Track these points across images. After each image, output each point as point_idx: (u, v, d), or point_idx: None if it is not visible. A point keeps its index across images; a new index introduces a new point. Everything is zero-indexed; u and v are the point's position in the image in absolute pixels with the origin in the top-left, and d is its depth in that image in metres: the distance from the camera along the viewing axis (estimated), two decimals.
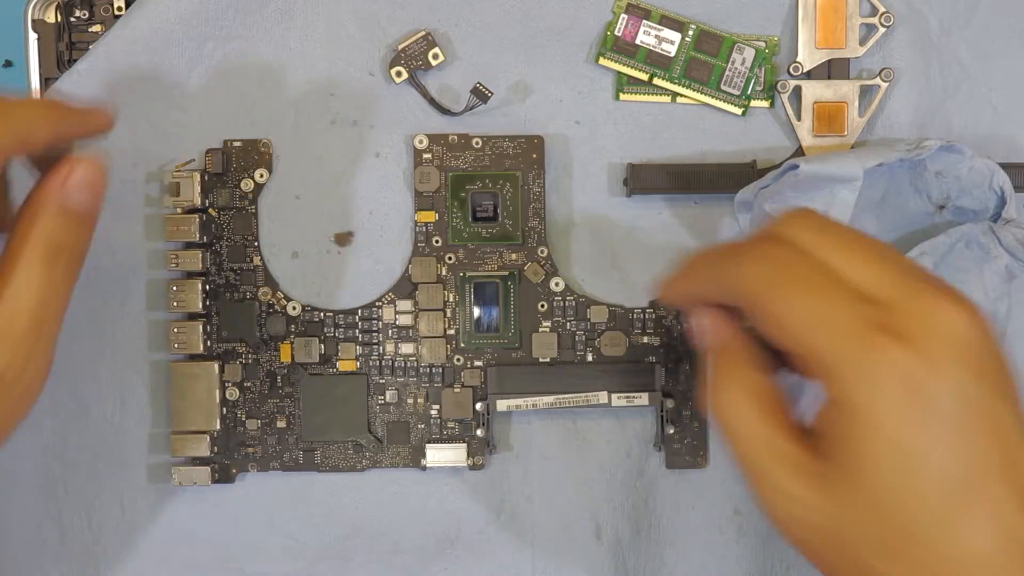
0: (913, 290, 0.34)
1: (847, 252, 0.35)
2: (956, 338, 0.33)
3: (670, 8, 0.50)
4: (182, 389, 0.49)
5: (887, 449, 0.33)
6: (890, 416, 0.33)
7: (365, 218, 0.50)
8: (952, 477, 0.33)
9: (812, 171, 0.45)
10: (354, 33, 0.50)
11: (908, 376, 0.33)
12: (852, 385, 0.34)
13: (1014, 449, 0.34)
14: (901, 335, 0.33)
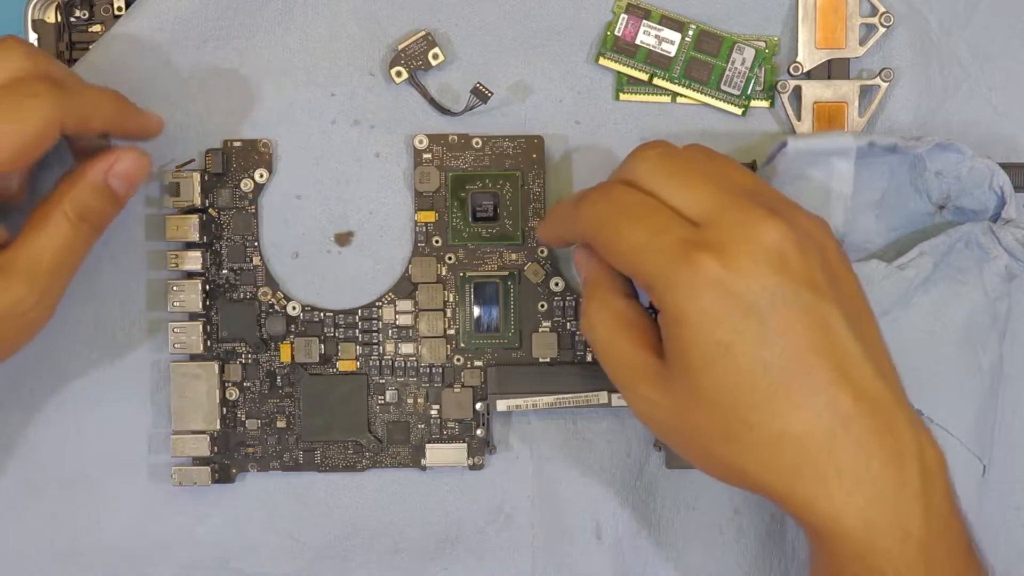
0: (729, 210, 0.39)
1: (677, 180, 0.40)
2: (766, 247, 0.38)
3: (670, 8, 0.50)
4: (182, 389, 0.49)
5: (710, 349, 0.39)
6: (708, 319, 0.38)
7: (365, 218, 0.50)
8: (772, 366, 0.38)
9: (802, 147, 0.45)
10: (354, 33, 0.50)
11: (720, 283, 0.38)
12: (674, 297, 0.39)
13: (836, 338, 0.39)
14: (714, 249, 0.38)
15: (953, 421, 0.48)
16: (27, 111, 0.42)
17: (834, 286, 0.40)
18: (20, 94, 0.42)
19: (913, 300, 0.48)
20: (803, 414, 0.38)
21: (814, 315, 0.39)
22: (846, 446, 0.39)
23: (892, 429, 0.39)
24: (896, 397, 0.40)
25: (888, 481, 0.39)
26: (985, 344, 0.48)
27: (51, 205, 0.44)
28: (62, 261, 0.44)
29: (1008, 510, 0.51)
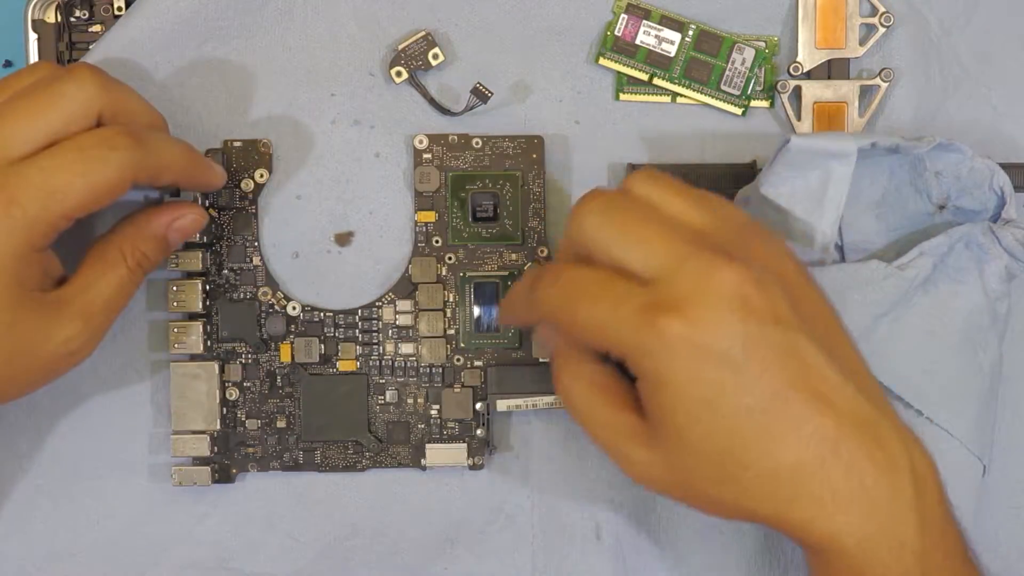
0: (683, 261, 0.39)
1: (624, 237, 0.40)
2: (725, 294, 0.38)
3: (670, 8, 0.50)
4: (182, 389, 0.49)
5: (693, 406, 0.39)
6: (686, 379, 0.39)
7: (365, 218, 0.50)
8: (755, 409, 0.39)
9: (804, 145, 0.45)
10: (354, 33, 0.50)
11: (689, 341, 0.38)
12: (648, 364, 0.39)
13: (811, 367, 0.39)
14: (674, 308, 0.38)
15: (953, 421, 0.48)
16: (104, 164, 0.42)
17: (799, 313, 0.40)
18: (102, 145, 0.42)
19: (913, 300, 0.48)
20: (792, 447, 0.39)
21: (785, 349, 0.39)
22: (837, 468, 0.39)
23: (880, 442, 0.39)
24: (879, 409, 0.40)
25: (881, 494, 0.39)
26: (985, 344, 0.48)
27: (111, 248, 0.46)
28: (116, 304, 0.45)
29: (1008, 510, 0.51)
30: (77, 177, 0.42)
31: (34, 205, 0.41)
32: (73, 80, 0.43)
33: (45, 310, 0.43)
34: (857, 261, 0.49)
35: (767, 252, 0.41)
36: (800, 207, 0.45)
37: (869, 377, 0.41)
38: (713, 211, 0.42)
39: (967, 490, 0.48)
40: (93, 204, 0.43)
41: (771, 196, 0.46)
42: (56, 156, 0.42)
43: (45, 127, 0.42)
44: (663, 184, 0.42)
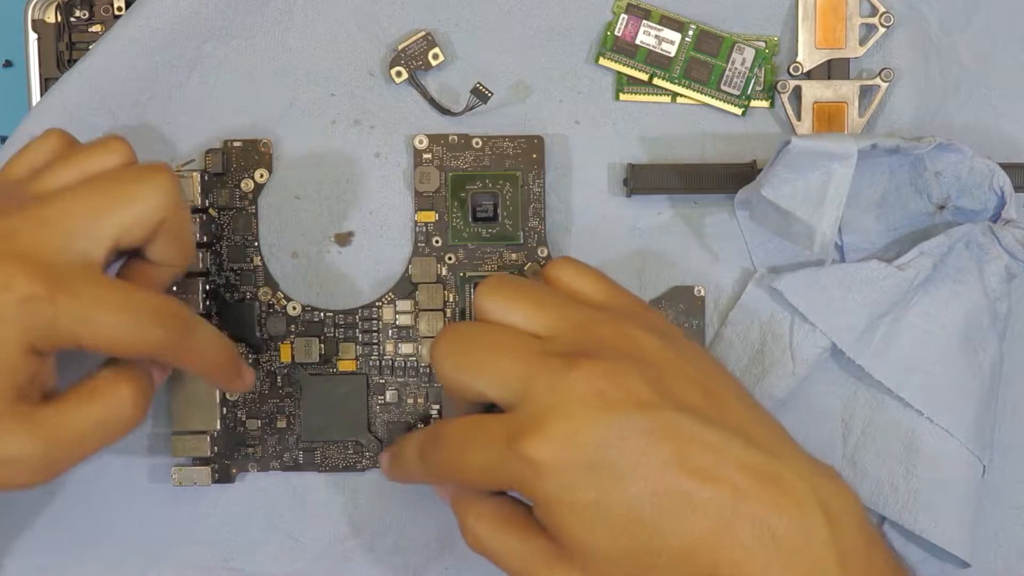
0: (533, 379, 0.39)
1: (476, 376, 0.41)
2: (580, 400, 0.39)
3: (670, 8, 0.50)
4: (182, 389, 0.49)
5: (584, 513, 0.39)
6: (565, 492, 0.39)
7: (365, 218, 0.50)
8: (642, 497, 0.38)
9: (805, 147, 0.45)
10: (354, 33, 0.50)
11: (555, 457, 0.39)
12: (529, 489, 0.39)
13: (688, 438, 0.39)
14: (533, 430, 0.39)
15: (953, 421, 0.48)
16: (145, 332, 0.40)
17: (665, 387, 0.40)
18: (154, 316, 0.40)
19: (913, 300, 0.48)
20: (692, 520, 0.38)
21: (655, 430, 0.39)
22: (743, 528, 0.38)
23: (782, 489, 0.39)
24: (776, 456, 0.40)
25: (795, 541, 0.39)
26: (985, 344, 0.48)
27: (105, 380, 0.42)
28: (91, 438, 0.41)
29: (1008, 510, 0.51)
30: (117, 327, 0.39)
31: (67, 320, 0.39)
32: (151, 184, 0.41)
33: (12, 416, 0.39)
34: (857, 261, 0.49)
35: (619, 335, 0.41)
36: (800, 208, 0.45)
37: (764, 423, 0.41)
38: (556, 310, 0.42)
39: (967, 490, 0.48)
40: (110, 352, 0.40)
41: (772, 197, 0.46)
42: (114, 294, 0.40)
43: (112, 229, 0.40)
44: (504, 293, 0.43)
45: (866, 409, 0.49)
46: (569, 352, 0.40)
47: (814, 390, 0.49)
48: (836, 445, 0.49)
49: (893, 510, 0.48)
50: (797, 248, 0.48)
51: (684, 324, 0.50)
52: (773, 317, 0.49)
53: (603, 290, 0.44)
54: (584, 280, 0.44)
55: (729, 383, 0.42)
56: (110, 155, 0.43)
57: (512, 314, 0.42)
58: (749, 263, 0.50)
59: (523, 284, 0.43)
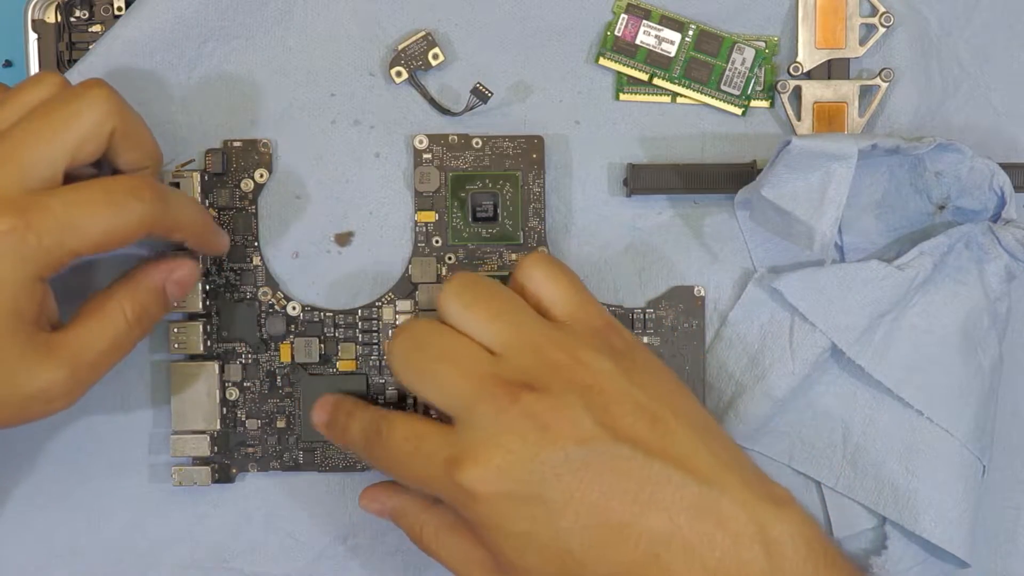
0: (475, 405, 0.41)
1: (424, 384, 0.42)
2: (519, 431, 0.40)
3: (670, 8, 0.50)
4: (182, 389, 0.49)
5: (516, 540, 0.40)
6: (499, 521, 0.40)
7: (365, 218, 0.50)
8: (574, 528, 0.39)
9: (805, 146, 0.45)
10: (354, 33, 0.50)
11: (489, 487, 0.40)
12: (464, 511, 0.41)
13: (627, 470, 0.40)
14: (471, 458, 0.40)
15: (953, 421, 0.48)
16: (127, 212, 0.42)
17: (610, 418, 0.40)
18: (128, 193, 0.42)
19: (913, 300, 0.48)
20: (622, 551, 0.39)
21: (591, 467, 0.40)
22: (673, 559, 0.39)
23: (720, 522, 0.39)
24: (718, 484, 0.40)
25: (729, 571, 0.39)
26: (985, 344, 0.48)
27: (110, 302, 0.44)
28: (107, 358, 0.44)
29: (1008, 510, 0.51)
30: (99, 219, 0.41)
31: (51, 236, 0.41)
32: (87, 100, 0.43)
33: (34, 348, 0.42)
34: (857, 261, 0.49)
35: (572, 360, 0.41)
36: (800, 208, 0.45)
37: (712, 449, 0.41)
38: (514, 327, 0.42)
39: (967, 490, 0.48)
40: (105, 247, 0.42)
41: (772, 198, 0.46)
42: (82, 193, 0.42)
43: (62, 150, 0.42)
44: (465, 299, 0.43)
45: (866, 409, 0.49)
46: (516, 380, 0.41)
47: (814, 390, 0.49)
48: (836, 445, 0.49)
49: (893, 510, 0.48)
50: (797, 248, 0.48)
51: (684, 324, 0.50)
52: (773, 317, 0.49)
53: (570, 299, 0.44)
54: (552, 286, 0.44)
55: (682, 407, 0.42)
56: (44, 87, 0.44)
57: (470, 322, 0.43)
58: (749, 263, 0.50)
59: (487, 291, 0.43)
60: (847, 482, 0.49)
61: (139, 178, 0.43)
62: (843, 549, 0.43)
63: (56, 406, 0.43)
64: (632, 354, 0.43)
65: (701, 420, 0.42)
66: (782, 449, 0.50)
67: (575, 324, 0.43)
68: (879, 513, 0.49)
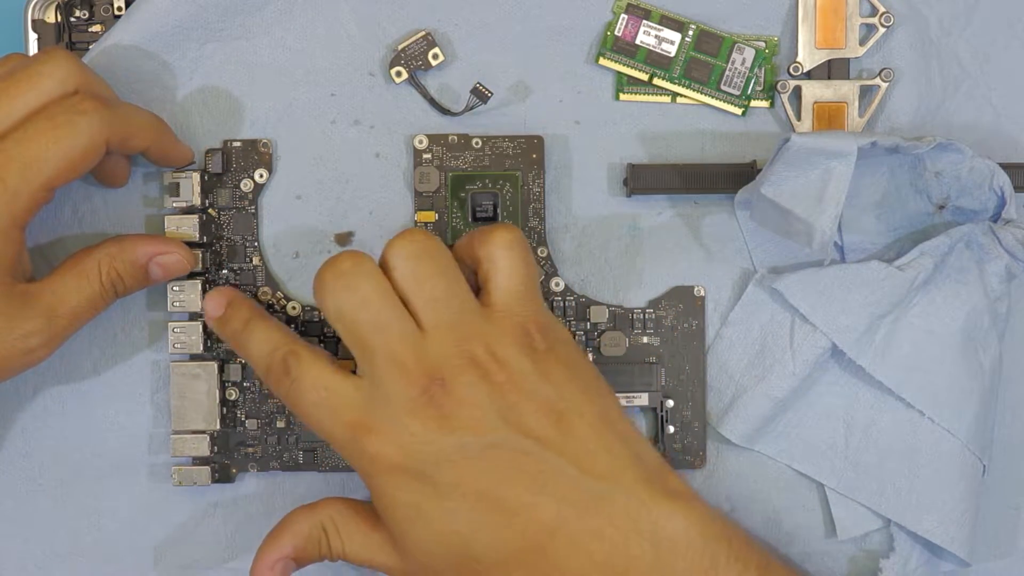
0: (388, 377, 0.42)
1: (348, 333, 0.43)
2: (421, 413, 0.42)
3: (670, 8, 0.50)
4: (182, 389, 0.49)
5: (405, 511, 0.42)
6: (391, 492, 0.42)
7: (365, 218, 0.50)
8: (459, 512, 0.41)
9: (805, 144, 0.45)
10: (354, 33, 0.50)
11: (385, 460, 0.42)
12: (361, 476, 0.43)
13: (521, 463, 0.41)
14: (374, 427, 0.42)
15: (953, 421, 0.48)
16: (76, 128, 0.43)
17: (513, 415, 0.42)
18: (70, 111, 0.43)
19: (913, 300, 0.48)
20: (508, 539, 0.41)
21: (484, 457, 0.41)
22: (559, 551, 0.41)
23: (611, 517, 0.41)
24: (614, 480, 0.42)
25: (615, 565, 0.41)
26: (985, 344, 0.48)
27: (89, 260, 0.46)
28: (81, 314, 0.46)
29: (1008, 510, 0.51)
30: (51, 144, 0.43)
31: (13, 177, 0.42)
32: (48, 60, 0.44)
33: (12, 298, 0.44)
34: (857, 261, 0.49)
35: (489, 355, 0.43)
36: (800, 206, 0.45)
37: (612, 448, 0.42)
38: (449, 311, 0.43)
39: (968, 490, 0.48)
40: (71, 171, 0.43)
41: (771, 196, 0.46)
42: (29, 127, 0.43)
43: (23, 106, 0.43)
44: (417, 265, 0.43)
45: (868, 410, 0.49)
46: (432, 366, 0.42)
47: (815, 390, 0.49)
48: (838, 446, 0.49)
49: (895, 511, 0.48)
50: (797, 248, 0.48)
51: (684, 324, 0.50)
52: (773, 318, 0.49)
53: (513, 294, 0.44)
54: (506, 277, 0.44)
55: (590, 406, 0.43)
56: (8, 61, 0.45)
57: (412, 289, 0.43)
58: (749, 263, 0.50)
59: (440, 266, 0.44)
60: (848, 482, 0.49)
61: (79, 95, 0.44)
62: (751, 537, 0.44)
63: (35, 356, 0.45)
64: (554, 353, 0.44)
65: (608, 420, 0.43)
66: (783, 449, 0.50)
67: (507, 318, 0.44)
68: (882, 514, 0.49)
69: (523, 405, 0.42)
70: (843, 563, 0.50)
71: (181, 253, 0.47)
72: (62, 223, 0.50)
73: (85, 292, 0.45)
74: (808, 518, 0.50)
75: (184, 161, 0.49)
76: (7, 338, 0.44)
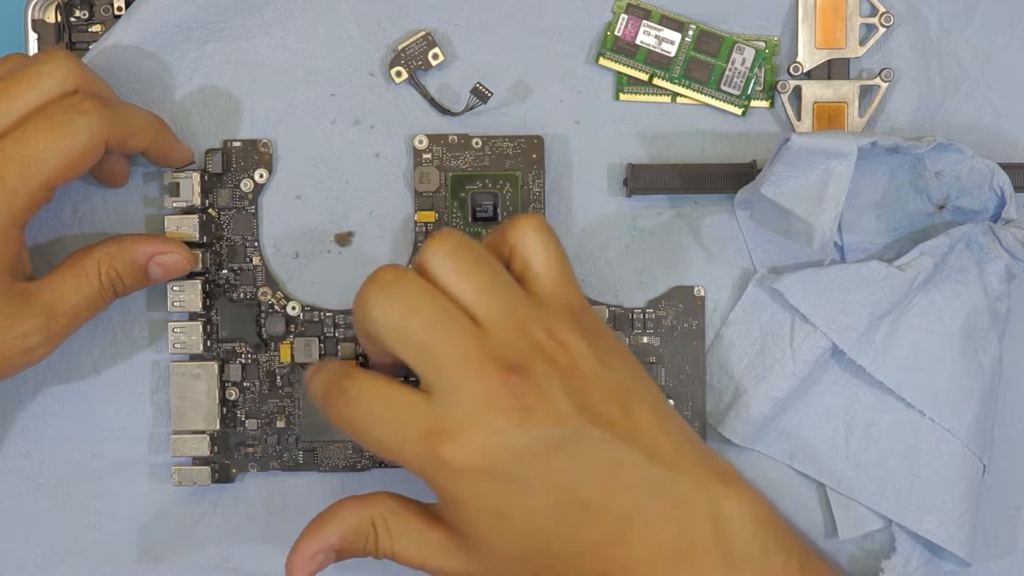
0: (460, 380, 0.40)
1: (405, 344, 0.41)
2: (502, 409, 0.40)
3: (670, 8, 0.50)
4: (182, 389, 0.49)
5: (487, 516, 0.41)
6: (473, 496, 0.41)
7: (365, 218, 0.50)
8: (543, 507, 0.41)
9: (805, 144, 0.45)
10: (354, 33, 0.50)
11: (468, 463, 0.40)
12: (437, 486, 0.41)
13: (595, 454, 0.40)
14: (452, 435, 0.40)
15: (953, 421, 0.48)
16: (75, 128, 0.43)
17: (586, 400, 0.41)
18: (70, 110, 0.43)
19: (913, 300, 0.48)
20: (588, 530, 0.41)
21: (566, 448, 0.40)
22: (635, 536, 0.41)
23: (676, 500, 0.41)
24: (676, 466, 0.42)
25: (682, 545, 0.41)
26: (985, 344, 0.48)
27: (88, 259, 0.46)
28: (80, 313, 0.46)
29: (1008, 510, 0.51)
30: (49, 143, 0.43)
31: (12, 177, 0.42)
32: (48, 60, 0.44)
33: (11, 297, 0.44)
34: (857, 261, 0.49)
35: (553, 341, 0.42)
36: (800, 206, 0.45)
37: (671, 432, 0.42)
38: (502, 299, 0.42)
39: (968, 490, 0.48)
40: (69, 170, 0.43)
41: (771, 195, 0.46)
42: (27, 127, 0.43)
43: (22, 105, 0.44)
44: (457, 262, 0.42)
45: (868, 410, 0.49)
46: (504, 359, 0.40)
47: (815, 390, 0.49)
48: (838, 446, 0.49)
49: (895, 511, 0.48)
50: (797, 248, 0.48)
51: (684, 324, 0.50)
52: (773, 318, 0.49)
53: (554, 277, 0.43)
54: (544, 257, 0.43)
55: (646, 392, 0.43)
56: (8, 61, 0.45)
57: (458, 288, 0.42)
58: (749, 263, 0.50)
59: (478, 259, 0.42)
60: (848, 483, 0.49)
61: (78, 95, 0.44)
62: (796, 529, 0.44)
63: (35, 355, 0.45)
64: (603, 336, 0.44)
65: (661, 404, 0.43)
66: (783, 450, 0.50)
67: (555, 301, 0.43)
68: (882, 514, 0.49)
69: (591, 391, 0.41)
70: (844, 563, 0.50)
71: (181, 253, 0.47)
72: (62, 223, 0.50)
73: (84, 291, 0.45)
74: (808, 518, 0.50)
75: (184, 161, 0.48)
76: (6, 337, 0.44)
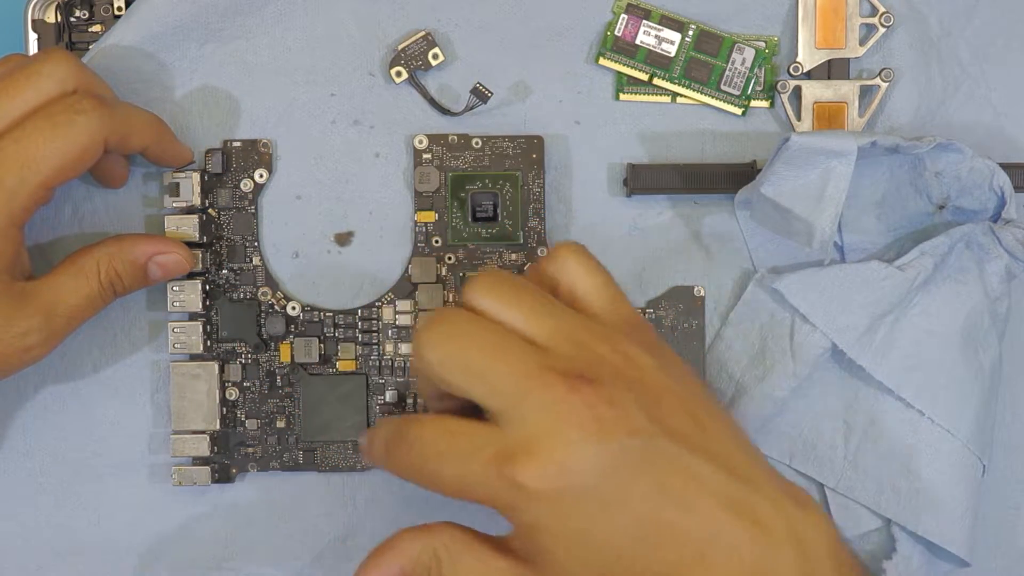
0: (526, 396, 0.38)
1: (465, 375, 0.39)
2: (576, 423, 0.37)
3: (670, 8, 0.50)
4: (182, 389, 0.49)
5: (570, 540, 0.38)
6: (554, 520, 0.38)
7: (365, 218, 0.50)
8: (626, 525, 0.38)
9: (804, 143, 0.45)
10: (354, 33, 0.50)
11: (547, 485, 0.37)
12: (514, 514, 0.38)
13: (675, 467, 0.38)
14: (526, 455, 0.37)
15: (953, 421, 0.48)
16: (75, 127, 0.43)
17: (658, 412, 0.39)
18: (69, 110, 0.43)
19: (913, 300, 0.48)
20: (670, 548, 0.38)
21: (645, 458, 0.38)
22: (717, 555, 0.38)
23: (755, 519, 0.38)
24: (753, 485, 0.39)
25: (763, 566, 0.38)
26: (985, 344, 0.48)
27: (88, 259, 0.46)
28: (79, 313, 0.46)
29: (1008, 510, 0.51)
30: (48, 143, 0.43)
31: (11, 177, 0.43)
32: (48, 60, 0.44)
33: (10, 296, 0.44)
34: (857, 261, 0.49)
35: (617, 354, 0.40)
36: (800, 205, 0.45)
37: (744, 449, 0.40)
38: (555, 318, 0.40)
39: (968, 490, 0.48)
40: (68, 170, 0.44)
41: (772, 195, 0.46)
42: (26, 126, 0.43)
43: (22, 105, 0.44)
44: (501, 293, 0.40)
45: (868, 410, 0.49)
46: (568, 370, 0.38)
47: (815, 390, 0.49)
48: (838, 446, 0.49)
49: (895, 511, 0.48)
50: (797, 248, 0.48)
51: (684, 324, 0.50)
52: (773, 318, 0.49)
53: (604, 297, 0.42)
54: (588, 278, 0.42)
55: (713, 406, 0.41)
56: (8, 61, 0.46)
57: (508, 317, 0.40)
58: (749, 263, 0.50)
59: (520, 287, 0.41)
60: (848, 483, 0.49)
61: (78, 95, 0.44)
62: (855, 553, 0.42)
63: (35, 354, 0.45)
64: (664, 349, 0.42)
65: (729, 419, 0.41)
66: (783, 450, 0.50)
67: (611, 316, 0.42)
68: (881, 514, 0.49)
69: (663, 403, 0.39)
70: None
71: (181, 253, 0.47)
72: (62, 223, 0.50)
73: (84, 291, 0.45)
74: None
75: (184, 161, 0.49)
76: (5, 336, 0.44)
